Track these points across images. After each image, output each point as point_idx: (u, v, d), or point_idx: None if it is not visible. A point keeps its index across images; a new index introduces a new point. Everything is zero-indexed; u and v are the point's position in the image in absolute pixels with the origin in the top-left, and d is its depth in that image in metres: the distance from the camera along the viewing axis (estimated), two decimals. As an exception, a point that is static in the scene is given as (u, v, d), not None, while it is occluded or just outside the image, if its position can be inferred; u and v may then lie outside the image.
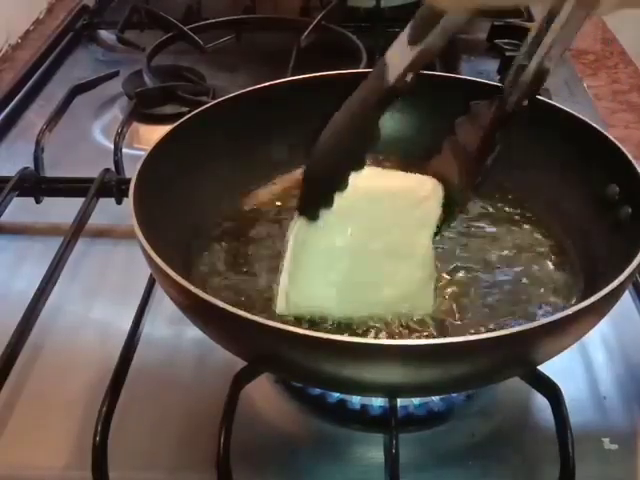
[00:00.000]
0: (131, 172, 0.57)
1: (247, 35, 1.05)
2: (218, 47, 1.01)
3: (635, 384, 0.58)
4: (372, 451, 0.53)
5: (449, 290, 0.57)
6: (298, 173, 0.69)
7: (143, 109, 0.86)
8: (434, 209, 0.54)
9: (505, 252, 0.61)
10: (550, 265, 0.59)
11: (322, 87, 0.69)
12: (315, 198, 0.52)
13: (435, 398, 0.55)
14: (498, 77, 0.93)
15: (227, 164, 0.65)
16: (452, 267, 0.59)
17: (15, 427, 0.55)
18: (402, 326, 0.53)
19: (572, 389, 0.55)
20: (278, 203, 0.66)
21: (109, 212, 0.72)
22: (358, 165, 0.51)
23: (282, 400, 0.57)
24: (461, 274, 0.58)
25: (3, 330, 0.57)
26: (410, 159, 0.70)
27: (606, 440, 0.54)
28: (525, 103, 0.52)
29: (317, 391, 0.55)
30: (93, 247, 0.71)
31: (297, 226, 0.54)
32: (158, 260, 0.49)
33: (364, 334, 0.52)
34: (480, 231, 0.63)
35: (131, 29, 1.06)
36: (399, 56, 0.48)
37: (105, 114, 0.92)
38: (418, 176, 0.55)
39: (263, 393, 0.57)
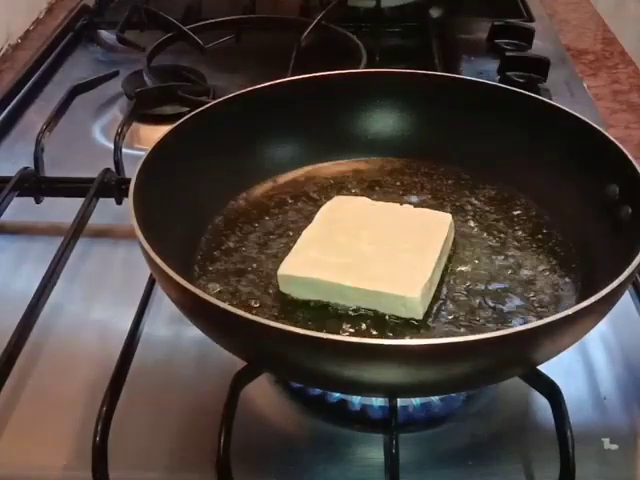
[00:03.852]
0: (131, 172, 0.57)
1: (247, 35, 1.05)
2: (218, 47, 1.01)
3: (635, 384, 0.58)
4: (372, 451, 0.53)
5: (447, 287, 0.57)
6: (298, 172, 0.69)
7: (143, 109, 0.86)
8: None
9: (505, 252, 0.61)
10: (550, 265, 0.59)
11: (322, 87, 0.70)
12: None
13: (435, 398, 0.55)
14: (498, 77, 0.93)
15: (227, 164, 0.65)
16: (450, 266, 0.59)
17: (15, 427, 0.55)
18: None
19: (572, 389, 0.55)
20: (279, 203, 0.66)
21: (109, 212, 0.72)
22: None
23: (282, 400, 0.57)
24: (459, 273, 0.59)
25: (3, 330, 0.57)
26: (410, 159, 0.71)
27: (606, 440, 0.54)
28: None
29: (317, 391, 0.55)
30: (93, 247, 0.71)
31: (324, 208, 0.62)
32: (158, 260, 0.49)
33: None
34: (480, 231, 0.63)
35: (131, 29, 1.06)
36: None
37: (105, 114, 0.92)
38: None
39: (263, 393, 0.57)
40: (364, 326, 0.54)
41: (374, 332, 0.53)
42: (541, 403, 0.53)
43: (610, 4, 1.41)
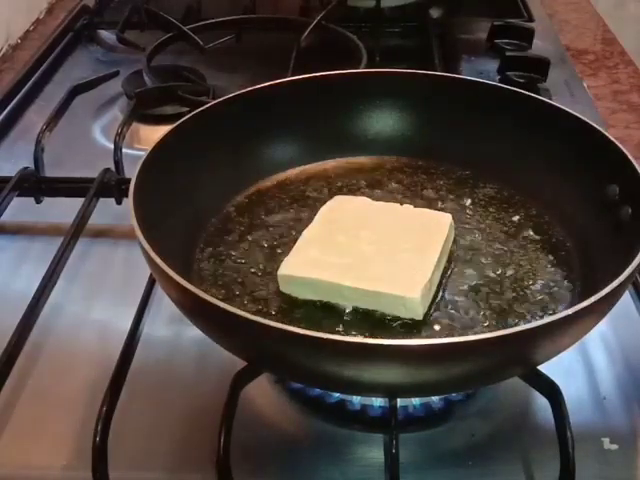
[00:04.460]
0: (131, 172, 0.57)
1: (247, 35, 1.05)
2: (218, 47, 1.01)
3: (635, 384, 0.58)
4: (372, 451, 0.53)
5: (446, 287, 0.57)
6: (298, 172, 0.69)
7: (143, 109, 0.86)
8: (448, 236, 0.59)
9: (505, 252, 0.61)
10: (550, 265, 0.59)
11: (322, 87, 0.70)
12: None
13: (435, 398, 0.55)
14: (498, 77, 0.93)
15: (227, 164, 0.65)
16: (451, 266, 0.59)
17: (15, 427, 0.55)
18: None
19: (572, 389, 0.55)
20: (278, 203, 0.66)
21: (109, 212, 0.72)
22: None
23: (282, 400, 0.57)
24: (459, 273, 0.59)
25: (3, 330, 0.57)
26: (410, 158, 0.71)
27: (606, 440, 0.54)
28: None
29: (317, 391, 0.55)
30: (93, 247, 0.71)
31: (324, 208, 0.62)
32: (158, 260, 0.49)
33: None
34: (480, 231, 0.63)
35: (131, 29, 1.06)
36: None
37: (105, 114, 0.92)
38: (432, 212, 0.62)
39: (263, 393, 0.57)
40: (364, 326, 0.54)
41: (374, 332, 0.53)
42: (541, 403, 0.53)
43: (610, 4, 1.41)
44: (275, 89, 0.68)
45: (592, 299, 0.46)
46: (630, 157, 0.58)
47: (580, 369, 0.59)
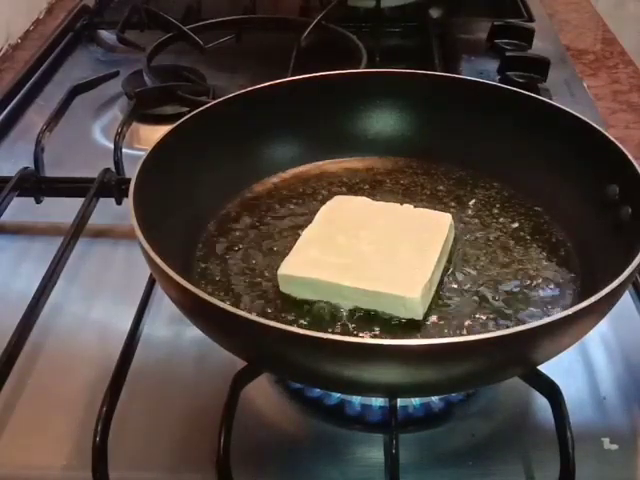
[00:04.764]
0: (131, 172, 0.57)
1: (247, 35, 1.05)
2: (218, 47, 1.01)
3: (635, 384, 0.58)
4: (372, 451, 0.53)
5: (446, 287, 0.57)
6: (298, 172, 0.69)
7: (143, 109, 0.86)
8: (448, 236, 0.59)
9: (505, 252, 0.61)
10: (550, 265, 0.59)
11: (322, 87, 0.70)
12: None
13: (435, 398, 0.55)
14: (498, 77, 0.93)
15: (227, 164, 0.65)
16: (451, 266, 0.59)
17: (15, 427, 0.55)
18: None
19: (572, 389, 0.55)
20: (278, 203, 0.66)
21: (109, 212, 0.72)
22: None
23: (282, 400, 0.57)
24: (459, 273, 0.59)
25: (3, 330, 0.57)
26: (410, 158, 0.71)
27: (606, 440, 0.54)
28: None
29: (317, 391, 0.55)
30: (93, 247, 0.71)
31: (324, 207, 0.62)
32: (158, 260, 0.49)
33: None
34: (480, 231, 0.63)
35: (131, 29, 1.06)
36: None
37: (105, 114, 0.92)
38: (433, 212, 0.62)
39: (263, 393, 0.57)
40: (364, 326, 0.54)
41: (374, 332, 0.53)
42: (541, 403, 0.53)
43: (610, 4, 1.41)
44: (275, 89, 0.68)
45: (592, 299, 0.46)
46: (630, 157, 0.58)
47: (580, 369, 0.59)
